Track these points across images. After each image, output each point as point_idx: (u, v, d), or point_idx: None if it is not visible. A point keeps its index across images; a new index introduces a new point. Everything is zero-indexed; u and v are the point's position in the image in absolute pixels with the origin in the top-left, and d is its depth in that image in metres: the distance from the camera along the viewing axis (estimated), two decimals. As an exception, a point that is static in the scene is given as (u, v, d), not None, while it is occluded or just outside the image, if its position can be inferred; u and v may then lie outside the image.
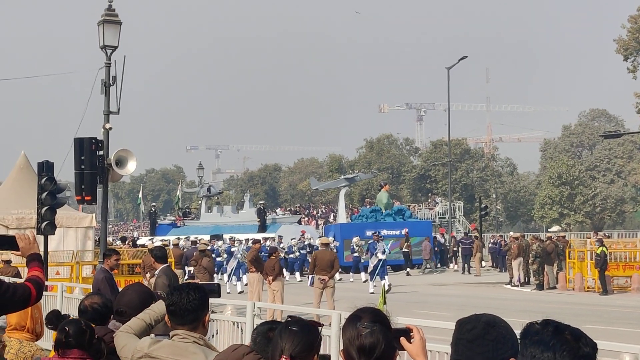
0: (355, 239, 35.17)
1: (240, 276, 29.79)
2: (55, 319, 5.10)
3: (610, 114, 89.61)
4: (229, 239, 33.93)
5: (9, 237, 5.02)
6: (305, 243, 35.92)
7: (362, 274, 31.76)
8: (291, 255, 34.81)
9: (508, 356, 2.32)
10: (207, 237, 36.19)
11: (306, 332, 3.19)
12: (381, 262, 25.98)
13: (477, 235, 40.73)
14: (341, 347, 2.92)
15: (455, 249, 40.45)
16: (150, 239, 37.79)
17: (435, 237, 41.09)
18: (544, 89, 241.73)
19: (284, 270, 24.72)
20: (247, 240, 33.52)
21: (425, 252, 37.62)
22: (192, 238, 30.73)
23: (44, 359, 4.60)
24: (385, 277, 25.86)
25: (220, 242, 35.17)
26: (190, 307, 3.91)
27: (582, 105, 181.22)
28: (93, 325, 4.79)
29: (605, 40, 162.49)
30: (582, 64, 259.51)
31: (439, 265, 40.43)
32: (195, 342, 3.90)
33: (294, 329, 3.18)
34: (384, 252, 26.10)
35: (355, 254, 34.27)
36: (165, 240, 31.90)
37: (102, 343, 4.54)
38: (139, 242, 30.79)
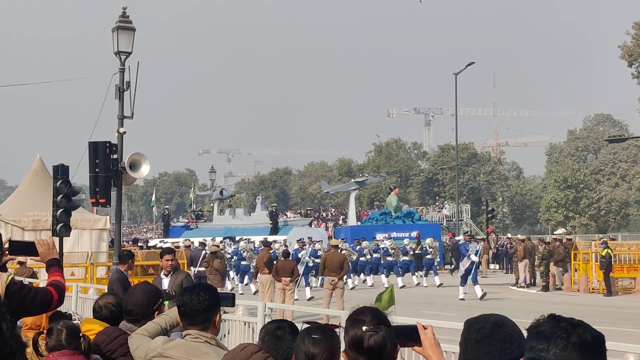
0: (429, 240, 32.34)
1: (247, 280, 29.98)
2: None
3: (615, 118, 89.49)
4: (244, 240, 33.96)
5: (28, 242, 5.13)
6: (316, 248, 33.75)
7: (383, 276, 30.37)
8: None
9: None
10: (219, 239, 36.36)
11: (329, 338, 3.25)
12: (474, 266, 23.74)
13: (484, 237, 40.95)
14: (343, 348, 3.01)
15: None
16: (160, 241, 38.21)
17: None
18: (549, 94, 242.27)
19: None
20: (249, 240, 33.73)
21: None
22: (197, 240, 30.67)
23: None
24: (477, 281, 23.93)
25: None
26: (200, 308, 3.98)
27: (587, 110, 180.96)
28: (103, 324, 4.92)
29: (610, 46, 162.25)
30: (587, 70, 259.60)
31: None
32: (207, 342, 3.97)
33: (318, 337, 3.23)
34: (476, 254, 23.71)
35: (429, 256, 31.38)
36: (176, 242, 32.12)
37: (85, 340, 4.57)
38: (150, 244, 30.99)
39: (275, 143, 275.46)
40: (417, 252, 34.11)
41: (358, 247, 32.01)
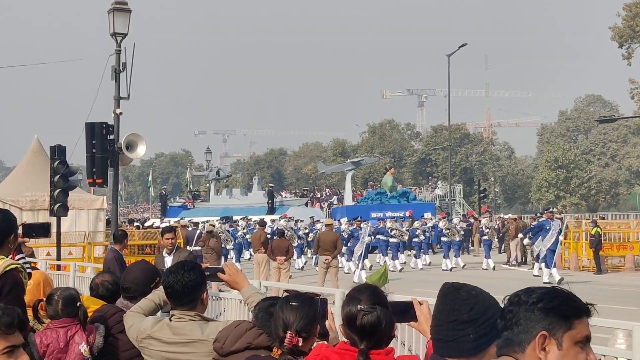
0: (484, 221, 30.96)
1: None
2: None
3: (605, 99, 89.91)
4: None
5: (42, 224, 5.28)
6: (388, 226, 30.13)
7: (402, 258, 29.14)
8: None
9: (465, 319, 2.45)
10: (215, 219, 36.46)
11: (307, 305, 3.26)
12: (557, 246, 21.81)
13: (476, 216, 41.19)
14: (341, 323, 3.03)
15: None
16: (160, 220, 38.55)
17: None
18: (541, 76, 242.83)
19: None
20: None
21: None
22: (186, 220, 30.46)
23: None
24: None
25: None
26: (186, 290, 3.97)
27: (578, 91, 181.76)
28: (100, 302, 4.93)
29: (601, 28, 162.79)
30: (579, 51, 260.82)
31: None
32: (192, 320, 4.00)
33: (295, 304, 3.24)
34: (560, 233, 21.79)
35: (485, 237, 29.37)
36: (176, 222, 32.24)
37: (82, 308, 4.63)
38: (147, 224, 31.16)
39: (270, 124, 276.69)
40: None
41: (410, 227, 30.68)
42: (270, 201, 49.17)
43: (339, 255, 28.37)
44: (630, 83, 51.31)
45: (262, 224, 22.30)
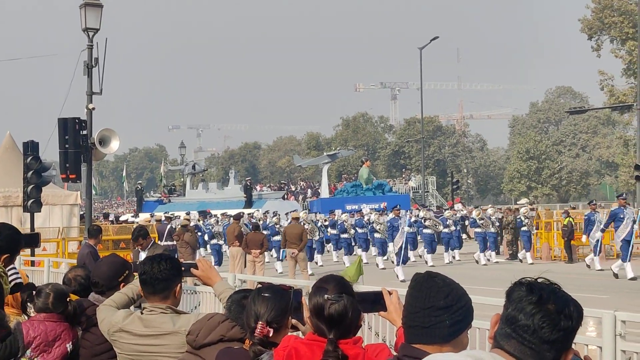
0: (522, 209, 27.55)
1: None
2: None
3: (576, 91, 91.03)
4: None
5: (34, 234, 5.45)
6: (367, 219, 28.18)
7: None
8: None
9: (441, 305, 2.47)
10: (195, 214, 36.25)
11: (279, 297, 3.26)
12: (632, 236, 20.27)
13: (448, 208, 41.47)
14: (308, 315, 3.01)
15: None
16: (133, 215, 38.30)
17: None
18: (512, 68, 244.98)
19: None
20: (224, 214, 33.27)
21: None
22: (157, 214, 29.93)
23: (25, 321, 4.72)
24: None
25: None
26: (161, 277, 3.98)
27: (548, 83, 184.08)
28: (73, 297, 4.92)
29: (571, 20, 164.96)
30: (549, 44, 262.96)
31: None
32: (163, 312, 4.00)
33: (267, 295, 3.25)
34: (634, 222, 20.27)
35: (524, 228, 26.18)
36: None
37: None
38: (121, 218, 30.98)
39: (244, 118, 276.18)
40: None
41: (441, 216, 28.46)
42: (247, 195, 49.20)
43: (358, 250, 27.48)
44: (599, 75, 51.87)
45: (237, 217, 22.37)
